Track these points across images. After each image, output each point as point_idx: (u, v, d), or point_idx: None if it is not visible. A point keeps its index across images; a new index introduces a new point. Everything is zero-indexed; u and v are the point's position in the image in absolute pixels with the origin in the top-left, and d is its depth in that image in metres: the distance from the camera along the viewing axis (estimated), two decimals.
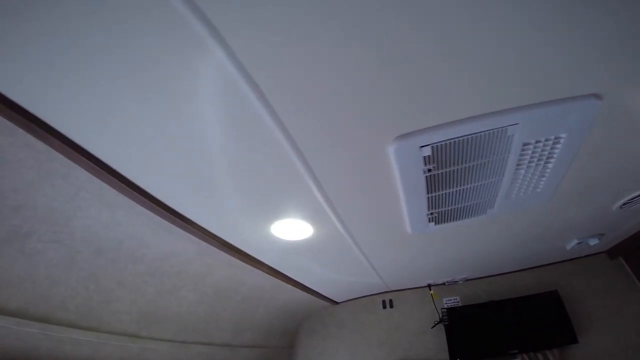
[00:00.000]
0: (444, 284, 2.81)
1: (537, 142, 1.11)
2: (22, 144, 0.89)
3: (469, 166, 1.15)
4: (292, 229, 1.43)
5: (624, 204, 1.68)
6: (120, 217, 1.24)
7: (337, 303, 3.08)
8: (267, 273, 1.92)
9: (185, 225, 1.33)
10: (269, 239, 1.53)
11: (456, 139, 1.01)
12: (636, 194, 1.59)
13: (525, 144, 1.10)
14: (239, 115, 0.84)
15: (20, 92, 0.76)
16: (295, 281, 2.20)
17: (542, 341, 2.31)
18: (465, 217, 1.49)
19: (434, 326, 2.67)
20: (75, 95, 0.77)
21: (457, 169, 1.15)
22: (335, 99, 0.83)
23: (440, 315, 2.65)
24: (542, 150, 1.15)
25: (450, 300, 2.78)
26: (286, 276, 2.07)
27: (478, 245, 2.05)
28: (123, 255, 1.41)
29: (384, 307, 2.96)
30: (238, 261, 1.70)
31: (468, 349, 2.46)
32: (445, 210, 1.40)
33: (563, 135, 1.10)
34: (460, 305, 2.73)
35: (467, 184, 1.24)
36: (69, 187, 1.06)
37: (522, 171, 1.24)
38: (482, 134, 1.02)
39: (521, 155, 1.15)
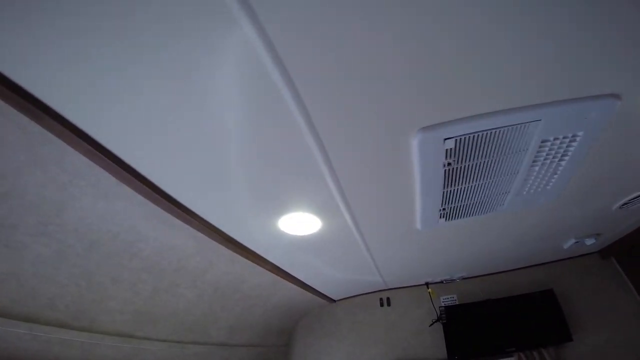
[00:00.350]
0: (441, 282, 2.81)
1: (555, 139, 1.10)
2: (13, 125, 0.80)
3: (487, 161, 1.13)
4: (300, 223, 1.38)
5: (624, 204, 1.71)
6: (118, 208, 1.15)
7: (334, 301, 3.04)
8: (268, 270, 1.85)
9: (187, 218, 1.25)
10: (274, 234, 1.47)
11: (479, 133, 0.99)
12: (637, 194, 1.62)
13: (543, 141, 1.10)
14: (259, 97, 0.78)
15: (13, 65, 0.67)
16: (296, 278, 2.15)
17: (538, 339, 2.34)
18: (475, 213, 1.47)
19: (431, 324, 2.67)
20: (77, 71, 0.69)
21: (475, 163, 1.13)
22: (363, 86, 0.78)
23: (438, 314, 2.66)
24: (559, 148, 1.15)
25: (448, 298, 2.79)
26: (287, 273, 2.02)
27: (480, 244, 2.05)
28: (118, 250, 1.32)
29: (382, 305, 2.95)
30: (240, 257, 1.63)
31: (466, 347, 2.47)
32: (457, 206, 1.38)
33: (580, 134, 1.10)
34: (457, 303, 2.74)
35: (483, 179, 1.23)
36: (62, 174, 0.96)
37: (537, 168, 1.23)
38: (505, 129, 1.00)
39: (538, 151, 1.14)
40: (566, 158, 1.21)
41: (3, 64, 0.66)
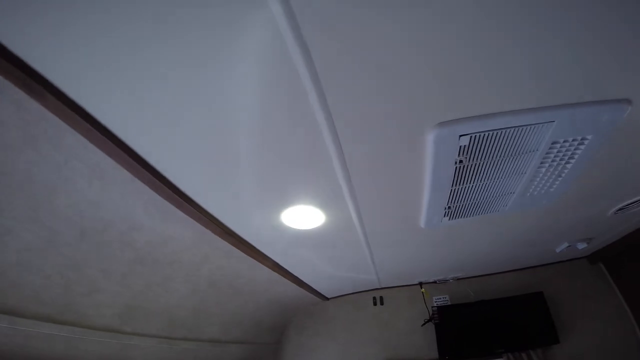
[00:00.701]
0: (435, 282, 2.83)
1: (564, 141, 1.11)
2: (9, 101, 0.73)
3: (497, 160, 1.13)
4: (303, 216, 1.34)
5: (620, 209, 1.75)
6: (114, 194, 1.09)
7: (327, 299, 3.02)
8: (265, 265, 1.81)
9: (188, 207, 1.19)
10: (276, 228, 1.43)
11: (494, 131, 0.98)
12: (633, 200, 1.66)
13: (554, 142, 1.10)
14: (275, 81, 0.74)
15: (14, 38, 0.61)
16: (291, 274, 2.11)
17: (527, 341, 2.39)
18: (479, 213, 1.47)
19: (424, 324, 2.68)
20: (83, 45, 0.63)
21: (486, 162, 1.12)
22: (385, 78, 0.76)
23: (431, 313, 2.67)
24: (567, 150, 1.16)
25: (440, 298, 2.81)
26: (283, 269, 1.98)
27: (476, 245, 2.07)
28: (111, 239, 1.24)
29: (375, 304, 2.94)
30: (237, 251, 1.58)
31: (456, 347, 2.49)
32: (462, 205, 1.38)
33: (589, 137, 1.11)
34: (449, 304, 2.76)
35: (490, 179, 1.22)
36: (57, 154, 0.89)
37: (543, 169, 1.24)
38: (519, 128, 1.00)
39: (547, 153, 1.15)
40: (572, 161, 1.22)
41: (5, 35, 0.60)
